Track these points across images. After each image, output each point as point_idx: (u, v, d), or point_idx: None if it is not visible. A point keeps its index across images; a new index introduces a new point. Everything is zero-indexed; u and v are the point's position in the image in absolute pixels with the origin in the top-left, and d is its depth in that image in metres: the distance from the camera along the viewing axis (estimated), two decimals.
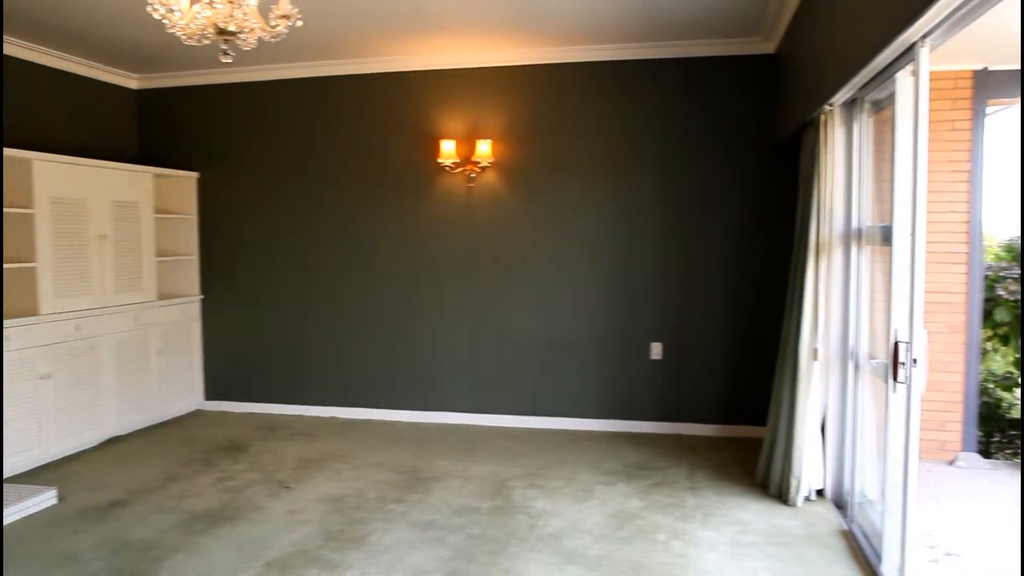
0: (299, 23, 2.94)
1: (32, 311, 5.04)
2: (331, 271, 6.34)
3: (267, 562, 3.62)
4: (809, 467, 4.29)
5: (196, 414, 6.52)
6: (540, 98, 5.87)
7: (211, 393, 6.68)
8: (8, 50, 5.40)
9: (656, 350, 5.82)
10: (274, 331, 6.49)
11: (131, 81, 6.57)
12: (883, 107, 3.78)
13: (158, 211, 6.21)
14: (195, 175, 6.52)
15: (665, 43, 5.56)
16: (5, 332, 4.82)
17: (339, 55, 5.92)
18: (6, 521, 4.12)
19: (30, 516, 4.22)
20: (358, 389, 6.35)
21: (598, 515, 4.18)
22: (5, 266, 4.92)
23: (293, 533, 3.96)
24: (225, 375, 6.64)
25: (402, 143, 6.11)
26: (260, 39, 2.96)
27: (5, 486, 4.52)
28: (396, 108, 6.11)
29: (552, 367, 5.98)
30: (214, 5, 2.80)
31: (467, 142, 5.92)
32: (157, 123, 6.65)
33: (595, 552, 3.71)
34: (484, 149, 5.81)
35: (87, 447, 5.49)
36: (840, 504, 4.27)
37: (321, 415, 6.40)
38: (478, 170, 5.92)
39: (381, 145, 6.16)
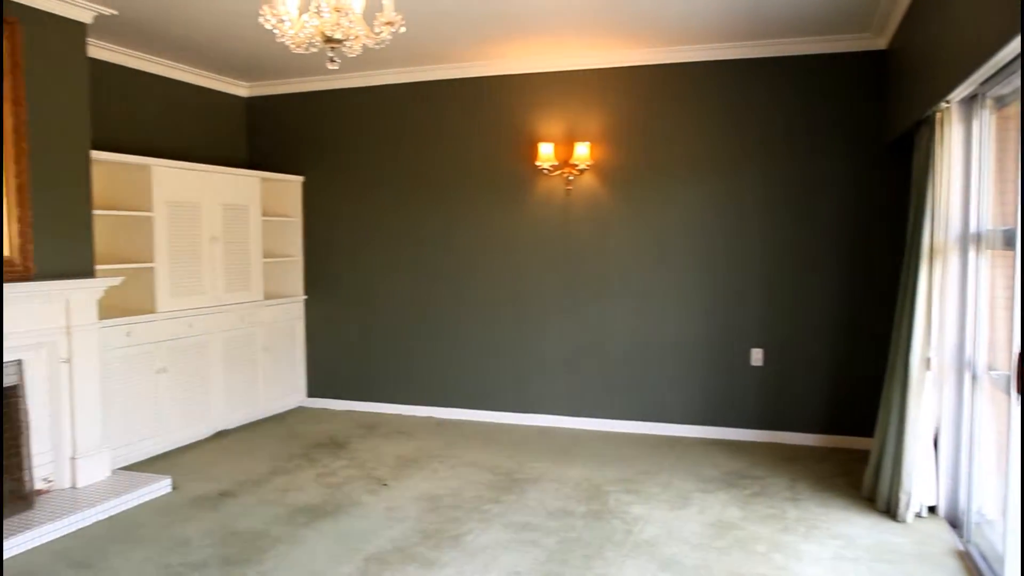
0: (402, 29, 3.00)
1: (150, 309, 5.31)
2: (430, 273, 6.44)
3: (366, 557, 3.70)
4: (920, 482, 4.09)
5: (298, 411, 6.73)
6: (639, 99, 5.81)
7: (313, 390, 6.88)
8: (129, 62, 5.71)
9: (757, 356, 5.66)
10: (374, 331, 6.64)
11: (241, 89, 6.85)
12: (1007, 103, 3.57)
13: (265, 214, 6.46)
14: (300, 179, 6.75)
15: (771, 41, 5.41)
16: (128, 328, 5.09)
17: (439, 60, 6.01)
18: (128, 506, 4.36)
19: (148, 503, 4.45)
20: (455, 390, 6.43)
21: (695, 523, 4.10)
22: (129, 266, 5.20)
23: (391, 530, 4.03)
24: (326, 373, 6.83)
25: (500, 146, 6.16)
26: (364, 46, 3.03)
27: (127, 472, 4.78)
28: (495, 111, 6.16)
29: (649, 371, 5.91)
30: (321, 14, 2.88)
31: (565, 145, 5.91)
32: (264, 129, 6.91)
33: (692, 561, 3.64)
34: (582, 151, 5.79)
35: (198, 439, 5.74)
36: (955, 523, 4.05)
37: (418, 414, 6.51)
38: (576, 173, 5.90)
39: (480, 148, 6.22)
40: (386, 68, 6.25)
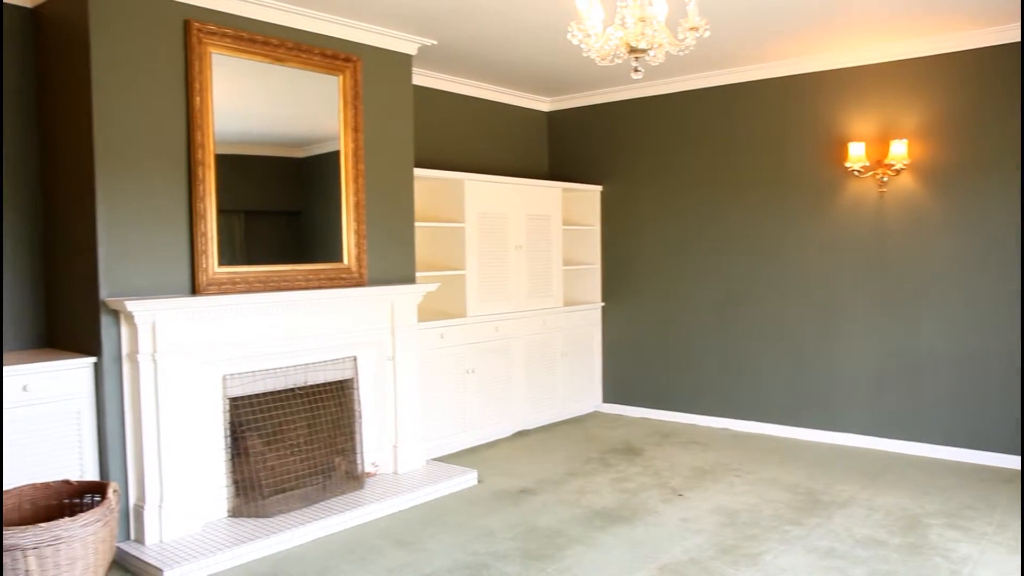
0: (707, 33, 2.96)
1: (461, 313, 5.75)
2: (728, 281, 6.27)
3: (660, 566, 3.68)
4: None
5: (594, 415, 6.89)
6: (966, 89, 5.18)
7: (608, 396, 7.01)
8: (442, 85, 6.21)
9: None
10: (670, 339, 6.61)
11: (543, 104, 7.18)
12: None
13: (565, 223, 6.72)
14: (598, 188, 6.93)
15: None
16: (441, 331, 5.55)
17: (739, 62, 5.85)
18: (440, 494, 4.73)
19: (456, 493, 4.80)
20: (752, 402, 6.19)
21: None
22: (444, 273, 5.66)
23: (686, 541, 3.98)
24: (622, 380, 6.92)
25: (804, 148, 5.84)
26: (667, 53, 3.03)
27: (438, 463, 5.19)
28: (797, 112, 5.86)
29: (974, 392, 5.25)
30: (625, 25, 2.93)
31: (879, 143, 5.46)
32: (564, 141, 7.19)
33: None
34: (899, 150, 5.30)
35: (499, 437, 6.09)
36: None
37: (713, 425, 6.37)
38: (891, 173, 5.42)
39: (782, 151, 5.95)
40: (684, 74, 6.20)
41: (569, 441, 6.01)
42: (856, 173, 5.54)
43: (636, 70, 2.98)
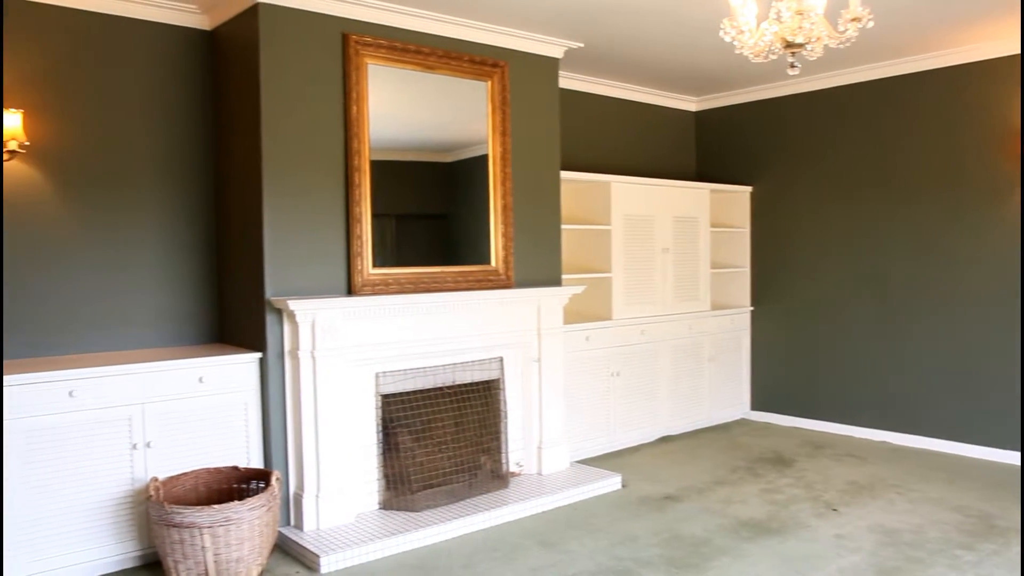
0: (870, 24, 2.80)
1: (607, 316, 5.72)
2: (888, 284, 5.91)
3: None
4: None
5: (741, 423, 6.68)
6: None
7: (756, 403, 6.78)
8: (586, 87, 6.20)
9: None
10: (823, 346, 6.31)
11: (690, 104, 7.04)
12: None
13: (713, 225, 6.56)
14: (748, 189, 6.71)
15: None
16: (587, 333, 5.54)
17: (903, 52, 5.50)
18: (583, 496, 4.73)
19: (600, 496, 4.78)
20: (914, 414, 5.81)
21: None
22: (589, 276, 5.66)
23: (841, 559, 3.78)
24: (771, 387, 6.67)
25: (975, 143, 5.42)
26: (826, 47, 2.90)
27: (582, 466, 5.18)
28: (968, 104, 5.44)
29: None
30: (781, 19, 2.82)
31: None
32: (712, 141, 7.01)
33: None
34: None
35: (643, 442, 6.01)
36: None
37: (871, 438, 6.02)
38: None
39: (950, 147, 5.55)
40: (843, 67, 5.91)
41: (715, 448, 5.86)
42: None
43: (792, 66, 2.86)
